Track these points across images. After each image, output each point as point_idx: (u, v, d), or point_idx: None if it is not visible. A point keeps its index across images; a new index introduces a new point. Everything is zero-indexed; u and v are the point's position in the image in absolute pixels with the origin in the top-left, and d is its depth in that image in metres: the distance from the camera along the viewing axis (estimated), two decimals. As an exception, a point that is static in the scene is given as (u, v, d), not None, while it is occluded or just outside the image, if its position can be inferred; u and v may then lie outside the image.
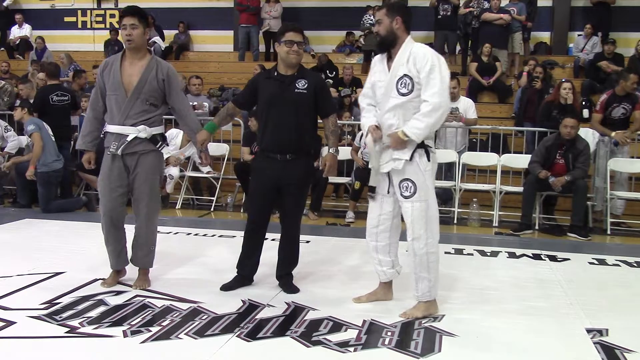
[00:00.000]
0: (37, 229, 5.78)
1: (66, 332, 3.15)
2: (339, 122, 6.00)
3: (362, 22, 11.22)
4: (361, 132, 3.59)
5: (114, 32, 11.82)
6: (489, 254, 5.13)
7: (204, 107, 8.05)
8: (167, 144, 3.99)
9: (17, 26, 13.10)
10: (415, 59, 3.32)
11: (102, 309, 3.51)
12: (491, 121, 8.70)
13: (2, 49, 13.23)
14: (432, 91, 3.27)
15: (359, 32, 11.62)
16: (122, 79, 3.75)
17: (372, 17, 10.36)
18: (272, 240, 4.45)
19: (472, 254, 5.11)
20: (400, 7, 3.49)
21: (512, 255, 5.12)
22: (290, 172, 3.77)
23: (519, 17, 10.17)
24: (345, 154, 6.82)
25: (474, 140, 7.61)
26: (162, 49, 12.03)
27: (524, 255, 5.11)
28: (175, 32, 12.75)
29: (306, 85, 3.74)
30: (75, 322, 3.28)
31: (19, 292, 3.78)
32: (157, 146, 3.85)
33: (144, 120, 3.77)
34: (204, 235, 5.66)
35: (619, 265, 4.92)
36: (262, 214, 3.92)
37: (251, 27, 11.82)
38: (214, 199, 7.27)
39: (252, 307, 3.57)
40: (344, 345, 3.06)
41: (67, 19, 14.01)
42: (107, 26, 13.42)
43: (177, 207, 7.16)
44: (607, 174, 6.59)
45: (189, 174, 7.41)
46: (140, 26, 3.75)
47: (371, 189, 3.59)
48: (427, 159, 3.40)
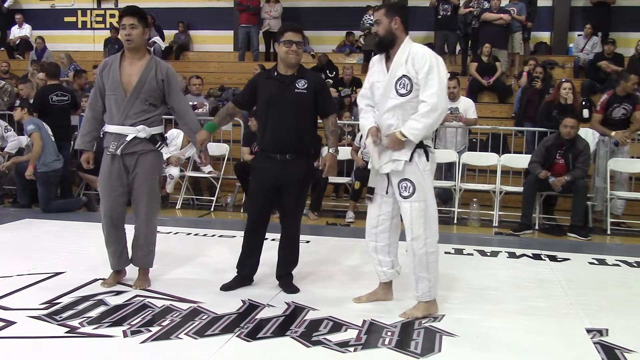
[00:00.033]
0: (37, 229, 5.77)
1: (66, 332, 3.15)
2: (339, 122, 6.00)
3: (362, 22, 11.22)
4: (360, 132, 3.59)
5: (114, 31, 11.81)
6: (489, 254, 5.13)
7: (205, 106, 8.05)
8: (167, 144, 3.99)
9: (17, 26, 13.10)
10: (414, 59, 3.32)
11: (102, 309, 3.51)
12: (491, 121, 8.70)
13: (2, 49, 13.23)
14: (430, 92, 3.27)
15: (359, 32, 11.62)
16: (121, 78, 3.75)
17: (372, 17, 10.35)
18: (272, 240, 4.45)
19: (472, 254, 5.11)
20: (399, 7, 3.49)
21: (512, 255, 5.12)
22: (290, 172, 3.77)
23: (519, 17, 10.17)
24: (345, 154, 6.82)
25: (474, 140, 7.61)
26: (162, 49, 12.03)
27: (524, 255, 5.11)
28: (175, 32, 12.75)
29: (306, 85, 3.74)
30: (75, 322, 3.28)
31: (19, 292, 3.78)
32: (156, 146, 3.85)
33: (143, 120, 3.77)
34: (204, 235, 5.66)
35: (619, 265, 4.92)
36: (262, 214, 3.92)
37: (251, 27, 11.82)
38: (214, 199, 7.27)
39: (252, 307, 3.57)
40: (344, 345, 3.06)
41: (67, 19, 14.01)
42: (107, 26, 13.41)
43: (177, 207, 7.16)
44: (607, 174, 6.59)
45: (189, 174, 7.41)
46: (139, 26, 3.75)
47: (370, 191, 3.59)
48: (426, 159, 3.40)
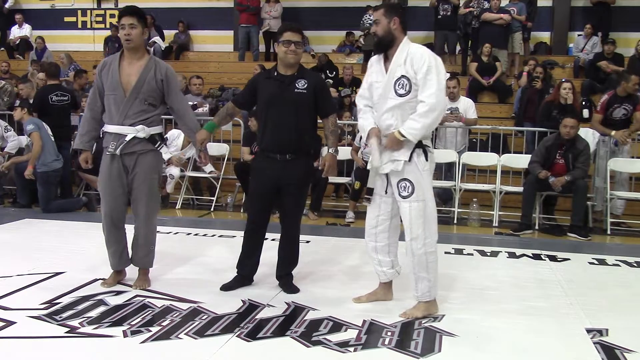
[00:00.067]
0: (37, 229, 5.77)
1: (66, 332, 3.15)
2: (339, 122, 6.00)
3: (362, 22, 11.22)
4: (360, 132, 3.60)
5: (115, 29, 11.81)
6: (489, 254, 5.13)
7: (205, 106, 8.03)
8: (166, 144, 3.99)
9: (17, 26, 13.10)
10: (412, 59, 3.32)
11: (102, 309, 3.51)
12: (491, 121, 8.70)
13: (2, 49, 13.23)
14: (429, 92, 3.27)
15: (359, 32, 11.62)
16: (120, 78, 3.74)
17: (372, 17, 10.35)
18: (272, 240, 4.45)
19: (472, 254, 5.11)
20: (398, 7, 3.50)
21: (512, 255, 5.12)
22: (290, 172, 3.77)
23: (519, 17, 10.16)
24: (345, 154, 6.82)
25: (474, 140, 7.61)
26: (162, 49, 12.02)
27: (524, 255, 5.11)
28: (175, 32, 12.74)
29: (306, 85, 3.74)
30: (75, 322, 3.28)
31: (19, 292, 3.78)
32: (155, 146, 3.85)
33: (142, 120, 3.77)
34: (204, 235, 5.66)
35: (619, 265, 4.92)
36: (262, 214, 3.92)
37: (251, 27, 11.82)
38: (214, 199, 7.27)
39: (252, 307, 3.57)
40: (344, 345, 3.06)
41: (67, 19, 14.01)
42: (107, 26, 13.42)
43: (177, 207, 7.16)
44: (607, 174, 6.59)
45: (189, 174, 7.41)
46: (138, 26, 3.74)
47: (369, 192, 3.59)
48: (425, 159, 3.40)
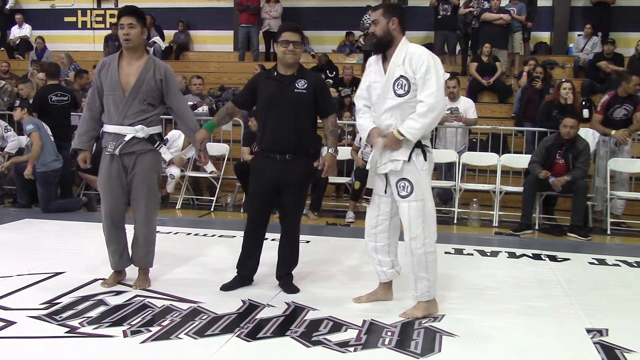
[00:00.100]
0: (37, 229, 5.77)
1: (66, 332, 3.15)
2: (339, 122, 6.01)
3: (362, 22, 11.21)
4: (360, 132, 3.60)
5: (115, 27, 11.81)
6: (489, 254, 5.13)
7: (203, 106, 8.01)
8: (165, 144, 3.99)
9: (17, 26, 13.10)
10: (411, 60, 3.33)
11: (102, 309, 3.51)
12: (491, 121, 8.70)
13: (2, 49, 13.23)
14: (428, 92, 3.28)
15: (359, 32, 11.62)
16: (119, 78, 3.74)
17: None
18: (272, 240, 4.45)
19: (472, 254, 5.11)
20: (396, 8, 3.52)
21: (512, 255, 5.12)
22: (289, 172, 3.77)
23: (519, 17, 10.17)
24: (345, 154, 6.82)
25: (474, 140, 7.61)
26: (162, 49, 12.02)
27: (524, 255, 5.11)
28: (174, 32, 12.73)
29: (306, 85, 3.74)
30: (75, 322, 3.28)
31: (19, 292, 3.78)
32: (154, 146, 3.85)
33: (141, 120, 3.76)
34: (204, 235, 5.66)
35: (619, 265, 4.92)
36: (261, 214, 3.92)
37: (251, 27, 11.82)
38: (214, 199, 7.27)
39: (252, 307, 3.57)
40: (344, 345, 3.06)
41: (67, 19, 14.01)
42: (107, 26, 13.42)
43: (177, 207, 7.17)
44: (607, 174, 6.59)
45: (189, 174, 7.41)
46: (137, 26, 3.74)
47: (368, 192, 3.59)
48: (424, 159, 3.40)
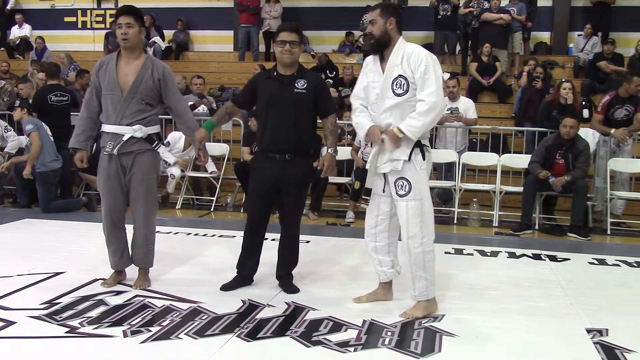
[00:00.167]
0: (37, 229, 5.77)
1: (66, 332, 3.15)
2: (339, 122, 6.01)
3: (361, 22, 11.19)
4: (359, 131, 3.60)
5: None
6: (489, 254, 5.13)
7: (202, 106, 7.99)
8: (164, 144, 3.99)
9: (17, 26, 13.10)
10: (409, 59, 3.34)
11: (102, 309, 3.51)
12: (491, 121, 8.70)
13: (2, 49, 13.22)
14: (428, 91, 3.29)
15: (359, 32, 11.61)
16: (117, 78, 3.74)
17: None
18: (272, 240, 4.45)
19: (472, 254, 5.11)
20: (394, 8, 3.55)
21: (512, 255, 5.12)
22: (289, 172, 3.77)
23: (519, 17, 10.17)
24: (345, 154, 6.82)
25: (474, 140, 7.61)
26: (162, 49, 12.01)
27: (524, 255, 5.11)
28: (174, 32, 12.72)
29: (305, 85, 3.74)
30: (75, 322, 3.28)
31: (19, 292, 3.78)
32: (153, 146, 3.84)
33: (139, 119, 3.76)
34: (204, 235, 5.66)
35: (619, 265, 4.92)
36: (261, 214, 3.92)
37: (251, 27, 11.82)
38: (214, 199, 7.27)
39: (252, 307, 3.57)
40: (344, 345, 3.06)
41: (67, 19, 14.01)
42: (107, 26, 13.40)
43: (177, 207, 7.17)
44: (607, 174, 6.59)
45: (189, 174, 7.41)
46: (136, 25, 3.74)
47: (367, 192, 3.59)
48: (423, 158, 3.41)
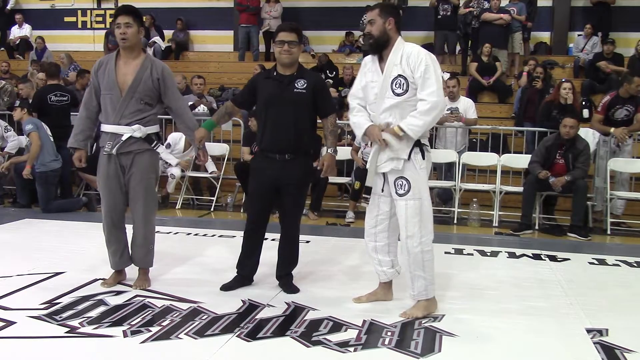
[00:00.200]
0: (37, 229, 5.77)
1: (66, 332, 3.15)
2: (340, 122, 6.00)
3: (361, 22, 11.20)
4: (357, 130, 3.59)
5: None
6: (489, 254, 5.13)
7: (201, 105, 7.98)
8: (163, 144, 3.99)
9: (17, 26, 13.09)
10: (408, 59, 3.34)
11: (102, 309, 3.51)
12: (491, 121, 8.70)
13: (2, 49, 13.22)
14: (429, 90, 3.29)
15: (359, 32, 11.61)
16: (116, 78, 3.74)
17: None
18: (272, 240, 4.45)
19: (472, 254, 5.11)
20: (392, 8, 3.55)
21: (512, 255, 5.11)
22: (289, 172, 3.77)
23: (519, 17, 10.16)
24: (345, 154, 6.82)
25: (474, 140, 7.61)
26: (163, 49, 12.01)
27: (524, 255, 5.11)
28: (173, 31, 12.71)
29: (305, 85, 3.75)
30: (75, 322, 3.28)
31: (19, 292, 3.78)
32: (152, 145, 3.84)
33: (138, 119, 3.76)
34: (204, 235, 5.66)
35: (619, 265, 4.92)
36: (261, 214, 3.92)
37: (251, 27, 11.82)
38: (214, 199, 7.27)
39: (252, 307, 3.57)
40: (344, 345, 3.06)
41: (67, 19, 14.01)
42: (107, 26, 13.39)
43: (177, 207, 7.17)
44: (607, 174, 6.59)
45: (189, 174, 7.41)
46: (134, 25, 3.74)
47: (367, 191, 3.59)
48: (422, 157, 3.41)
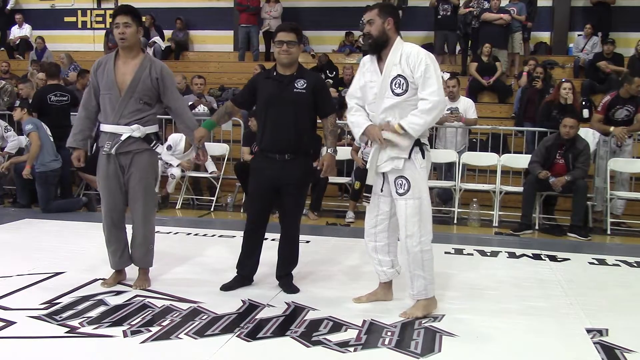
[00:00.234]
0: (37, 229, 5.77)
1: (66, 332, 3.15)
2: (339, 122, 5.99)
3: (361, 22, 11.18)
4: (356, 129, 3.58)
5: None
6: (489, 254, 5.13)
7: (201, 106, 7.99)
8: (162, 144, 3.99)
9: (17, 26, 13.09)
10: (407, 58, 3.34)
11: (102, 309, 3.51)
12: (491, 121, 8.70)
13: (2, 49, 13.22)
14: (430, 90, 3.29)
15: (359, 32, 11.61)
16: (115, 78, 3.74)
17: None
18: (272, 240, 4.45)
19: (472, 254, 5.11)
20: (391, 8, 3.55)
21: (512, 255, 5.12)
22: (289, 172, 3.77)
23: (519, 17, 10.16)
24: (345, 154, 6.82)
25: (474, 140, 7.61)
26: (163, 49, 12.01)
27: (524, 255, 5.11)
28: (172, 31, 12.70)
29: (305, 85, 3.75)
30: (75, 322, 3.28)
31: (19, 292, 3.78)
32: (151, 145, 3.84)
33: (137, 119, 3.76)
34: (204, 235, 5.66)
35: (619, 265, 4.92)
36: (261, 214, 3.92)
37: (251, 27, 11.82)
38: (214, 199, 7.27)
39: (252, 307, 3.57)
40: (344, 345, 3.06)
41: (67, 19, 14.00)
42: (107, 26, 13.38)
43: (177, 207, 7.17)
44: (607, 174, 6.59)
45: (189, 174, 7.40)
46: (133, 25, 3.74)
47: (367, 190, 3.59)
48: (422, 157, 3.42)
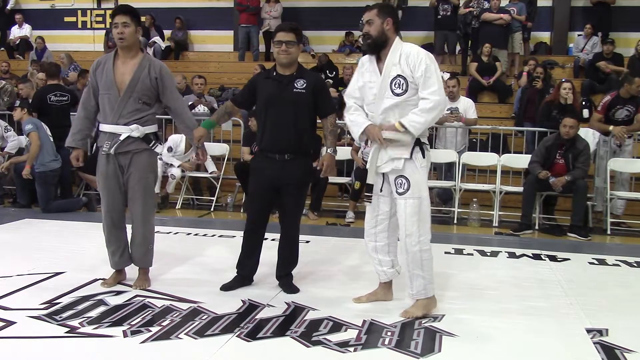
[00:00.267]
0: (37, 229, 5.77)
1: (66, 332, 3.15)
2: (339, 122, 5.99)
3: (361, 22, 11.16)
4: (355, 129, 3.58)
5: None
6: (489, 254, 5.13)
7: (201, 105, 7.99)
8: (161, 143, 3.99)
9: (17, 26, 13.09)
10: (407, 58, 3.34)
11: (102, 309, 3.51)
12: (491, 121, 8.70)
13: (2, 49, 13.22)
14: (431, 89, 3.29)
15: (359, 32, 11.60)
16: (114, 77, 3.74)
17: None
18: (272, 240, 4.46)
19: (472, 254, 5.11)
20: (391, 8, 3.55)
21: (512, 255, 5.12)
22: (288, 172, 3.77)
23: (519, 17, 10.16)
24: (345, 154, 6.83)
25: (474, 140, 7.61)
26: (162, 49, 12.01)
27: (524, 255, 5.11)
28: (172, 30, 12.70)
29: (305, 85, 3.75)
30: (75, 322, 3.28)
31: (19, 292, 3.78)
32: (150, 145, 3.84)
33: (137, 119, 3.76)
34: (204, 235, 5.66)
35: (619, 265, 4.92)
36: (261, 214, 3.92)
37: (251, 27, 11.82)
38: (214, 199, 7.27)
39: (252, 307, 3.57)
40: (344, 345, 3.06)
41: (67, 19, 14.00)
42: (107, 26, 13.40)
43: (177, 207, 7.17)
44: (607, 174, 6.59)
45: (189, 174, 7.40)
46: (132, 24, 3.74)
47: (368, 189, 3.59)
48: (422, 156, 3.42)
